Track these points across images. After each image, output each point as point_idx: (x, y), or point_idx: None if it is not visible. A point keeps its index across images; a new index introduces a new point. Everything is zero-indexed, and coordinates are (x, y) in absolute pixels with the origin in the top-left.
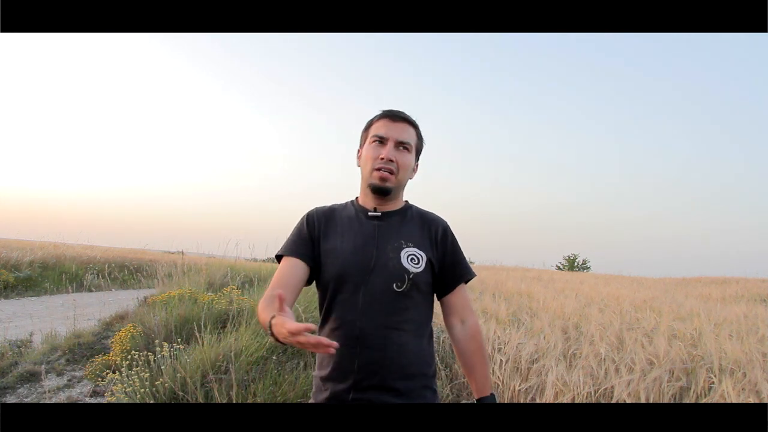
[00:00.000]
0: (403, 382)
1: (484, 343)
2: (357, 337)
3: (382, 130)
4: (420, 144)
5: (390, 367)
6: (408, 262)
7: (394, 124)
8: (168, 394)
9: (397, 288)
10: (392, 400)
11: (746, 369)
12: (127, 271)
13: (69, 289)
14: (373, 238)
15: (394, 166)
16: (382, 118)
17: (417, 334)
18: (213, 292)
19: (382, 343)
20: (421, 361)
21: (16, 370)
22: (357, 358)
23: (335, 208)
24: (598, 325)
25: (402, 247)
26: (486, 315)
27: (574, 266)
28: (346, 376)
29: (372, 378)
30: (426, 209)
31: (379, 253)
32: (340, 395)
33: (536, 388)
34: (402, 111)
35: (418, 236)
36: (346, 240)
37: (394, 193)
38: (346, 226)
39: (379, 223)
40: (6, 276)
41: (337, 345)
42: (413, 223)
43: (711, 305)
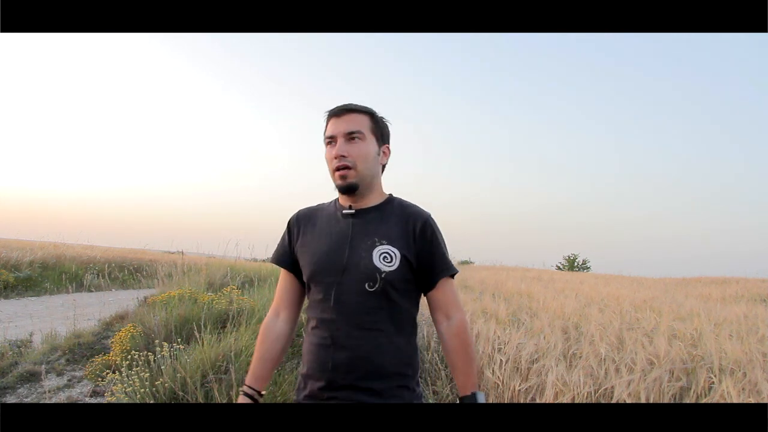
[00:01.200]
0: (378, 382)
1: (469, 341)
2: (332, 336)
3: (330, 130)
4: (378, 127)
5: (364, 367)
6: (380, 261)
7: (340, 119)
8: (168, 394)
9: (369, 288)
10: (366, 399)
11: (746, 369)
12: (127, 271)
13: (69, 289)
14: (346, 236)
15: (350, 161)
16: (329, 119)
17: (394, 333)
18: (213, 292)
19: (355, 344)
20: (398, 361)
21: (16, 370)
22: (331, 358)
23: (318, 208)
24: (598, 325)
25: (375, 245)
26: (486, 315)
27: (574, 266)
28: (321, 375)
29: (346, 377)
30: (410, 202)
31: (352, 252)
32: (316, 394)
33: (536, 388)
34: (348, 103)
35: (394, 233)
36: (321, 239)
37: (363, 187)
38: (323, 226)
39: (354, 221)
40: (6, 276)
41: None
42: (392, 218)
43: (711, 305)
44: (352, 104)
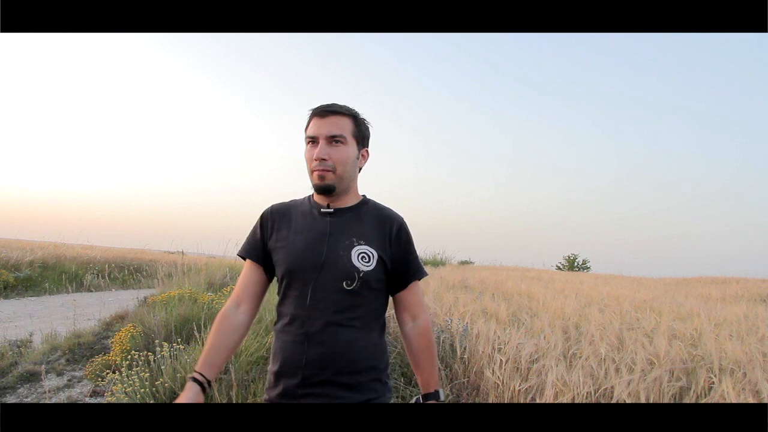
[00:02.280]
0: (353, 377)
1: (433, 341)
2: (306, 333)
3: (312, 130)
4: (360, 131)
5: (339, 362)
6: (358, 261)
7: (323, 120)
8: (168, 394)
9: (347, 286)
10: (342, 393)
11: (746, 369)
12: (127, 271)
13: (69, 289)
14: (324, 235)
15: (330, 164)
16: (312, 118)
17: (367, 329)
18: (213, 292)
19: (330, 340)
20: (371, 356)
21: (16, 370)
22: (306, 354)
23: (292, 204)
24: (598, 325)
25: (353, 245)
26: (486, 315)
27: (574, 266)
28: (295, 372)
29: (321, 373)
30: (384, 204)
31: (330, 250)
32: (291, 390)
33: (536, 388)
34: (333, 104)
35: (371, 233)
36: (298, 236)
37: (340, 188)
38: (299, 222)
39: (332, 219)
40: (6, 276)
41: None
42: (368, 219)
43: (711, 305)
44: (336, 105)
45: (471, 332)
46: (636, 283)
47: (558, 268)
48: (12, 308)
